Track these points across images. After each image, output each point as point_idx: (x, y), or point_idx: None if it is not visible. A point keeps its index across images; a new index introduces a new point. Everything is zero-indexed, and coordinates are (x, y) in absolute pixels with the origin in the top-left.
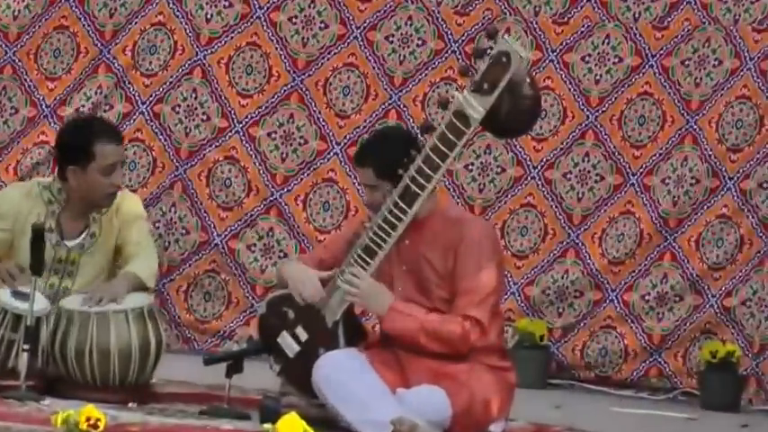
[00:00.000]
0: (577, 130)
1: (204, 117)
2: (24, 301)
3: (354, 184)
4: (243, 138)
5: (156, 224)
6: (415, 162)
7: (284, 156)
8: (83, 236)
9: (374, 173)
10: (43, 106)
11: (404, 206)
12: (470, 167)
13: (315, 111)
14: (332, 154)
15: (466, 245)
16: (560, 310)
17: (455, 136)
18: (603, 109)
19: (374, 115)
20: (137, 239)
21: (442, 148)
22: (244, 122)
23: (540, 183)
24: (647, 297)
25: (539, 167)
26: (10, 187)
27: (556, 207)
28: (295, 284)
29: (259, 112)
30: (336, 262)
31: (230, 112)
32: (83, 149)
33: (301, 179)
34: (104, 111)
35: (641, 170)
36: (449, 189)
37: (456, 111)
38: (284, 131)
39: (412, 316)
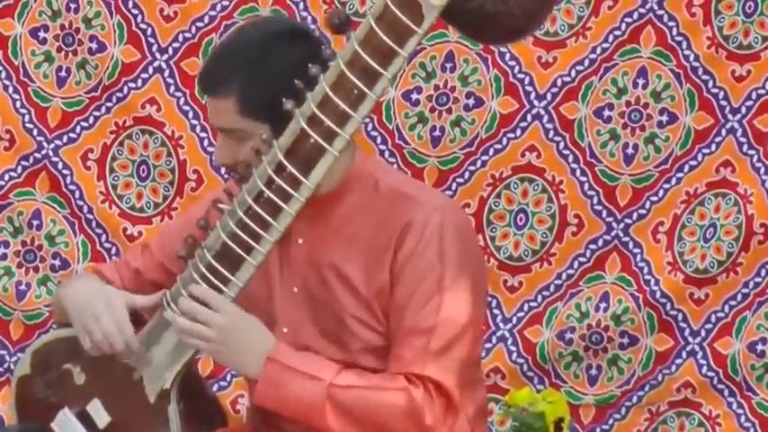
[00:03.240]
0: (624, 24)
1: None
2: None
3: (198, 128)
4: None
5: None
6: (316, 87)
7: (63, 71)
8: None
9: (238, 104)
10: None
11: (296, 171)
12: (415, 97)
13: None
14: (151, 70)
15: (415, 237)
16: (593, 371)
17: (394, 39)
18: None
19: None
20: None
21: (370, 61)
22: None
23: (551, 127)
24: (760, 347)
25: (549, 98)
26: None
27: (583, 175)
28: (84, 321)
29: None
30: (167, 276)
31: None
32: None
33: (93, 118)
34: None
35: (748, 104)
36: (372, 140)
37: None
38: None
39: (311, 376)
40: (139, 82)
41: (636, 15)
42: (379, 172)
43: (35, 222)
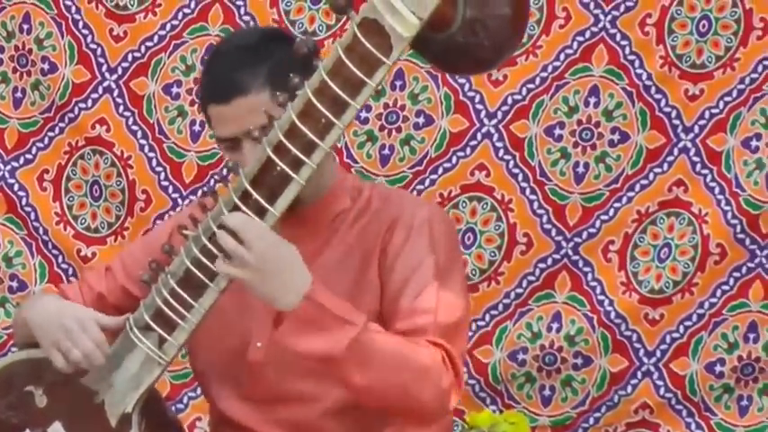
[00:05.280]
0: (576, 42)
1: None
2: None
3: (147, 147)
4: None
5: None
6: (283, 115)
7: (18, 92)
8: None
9: (272, 93)
10: None
11: (261, 199)
12: (364, 115)
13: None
14: (100, 90)
15: (404, 231)
16: (546, 392)
17: (363, 70)
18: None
19: (181, 15)
20: None
21: (338, 91)
22: None
23: (501, 146)
24: (718, 368)
25: (499, 116)
26: None
27: (533, 193)
28: (57, 341)
29: None
30: (130, 300)
31: None
32: None
33: (48, 139)
34: None
35: (701, 124)
36: None
37: (365, 20)
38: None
39: (344, 320)
40: (89, 102)
41: (588, 34)
42: (360, 183)
43: None
